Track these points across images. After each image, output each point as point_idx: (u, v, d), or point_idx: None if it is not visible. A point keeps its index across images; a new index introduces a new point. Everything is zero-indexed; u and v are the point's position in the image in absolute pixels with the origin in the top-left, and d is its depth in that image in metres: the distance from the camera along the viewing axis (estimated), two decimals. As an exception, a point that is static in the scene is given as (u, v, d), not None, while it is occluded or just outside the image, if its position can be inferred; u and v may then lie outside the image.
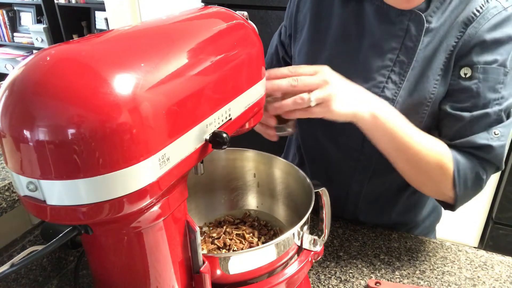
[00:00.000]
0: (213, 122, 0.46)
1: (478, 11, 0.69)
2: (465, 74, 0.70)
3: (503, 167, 0.73)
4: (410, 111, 0.73)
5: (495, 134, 0.69)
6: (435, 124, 0.76)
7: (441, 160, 0.70)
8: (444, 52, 0.71)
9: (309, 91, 0.63)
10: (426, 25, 0.70)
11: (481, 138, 0.69)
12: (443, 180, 0.71)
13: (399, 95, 0.73)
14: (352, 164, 0.83)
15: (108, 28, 2.72)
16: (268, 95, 0.66)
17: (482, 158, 0.71)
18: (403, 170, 0.74)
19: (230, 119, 0.49)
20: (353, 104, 0.65)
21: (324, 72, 0.64)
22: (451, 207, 0.76)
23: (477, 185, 0.72)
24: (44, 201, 0.34)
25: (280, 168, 0.76)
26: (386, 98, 0.73)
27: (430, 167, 0.70)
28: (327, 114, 0.64)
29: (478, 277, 0.75)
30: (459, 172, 0.70)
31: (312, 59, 0.81)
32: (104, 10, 2.54)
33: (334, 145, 0.84)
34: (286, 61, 0.94)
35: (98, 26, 2.99)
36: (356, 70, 0.75)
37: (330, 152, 0.85)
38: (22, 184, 0.35)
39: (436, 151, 0.70)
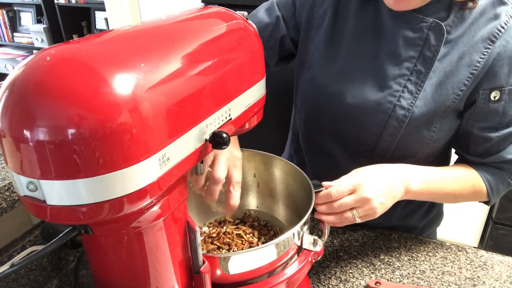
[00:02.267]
0: (213, 122, 0.46)
1: (502, 27, 0.68)
2: (495, 97, 0.71)
3: None
4: (424, 121, 0.73)
5: None
6: (449, 137, 0.78)
7: (475, 188, 0.76)
8: (468, 67, 0.70)
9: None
10: (445, 36, 0.69)
11: (509, 153, 0.75)
12: (478, 198, 0.79)
13: (415, 105, 0.72)
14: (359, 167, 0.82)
15: (108, 28, 2.72)
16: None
17: (509, 170, 0.77)
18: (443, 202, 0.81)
19: (230, 119, 0.49)
20: (391, 201, 0.67)
21: (362, 188, 0.64)
22: (485, 203, 0.82)
23: (508, 188, 0.80)
24: (44, 201, 0.34)
25: (280, 168, 0.76)
26: (402, 107, 0.72)
27: (466, 198, 0.77)
28: (370, 219, 0.67)
29: (478, 277, 0.75)
30: (491, 188, 0.76)
31: (327, 62, 0.79)
32: (104, 10, 2.54)
33: (343, 149, 0.83)
34: (282, 44, 0.86)
35: (98, 26, 2.99)
36: (371, 77, 0.75)
37: (336, 156, 0.84)
38: (22, 184, 0.35)
39: (469, 183, 0.76)
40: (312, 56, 0.81)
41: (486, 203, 0.82)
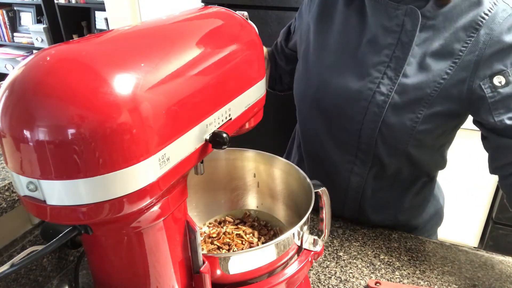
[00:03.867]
0: (213, 122, 0.46)
1: (486, 14, 0.68)
2: (500, 82, 0.69)
3: None
4: (406, 109, 0.73)
5: None
6: (438, 135, 0.77)
7: None
8: (450, 56, 0.70)
9: None
10: (423, 21, 0.70)
11: None
12: None
13: (394, 90, 0.73)
14: (350, 158, 0.84)
15: (108, 28, 2.72)
16: None
17: None
18: None
19: (230, 119, 0.49)
20: None
21: None
22: None
23: None
24: (44, 201, 0.34)
25: (280, 168, 0.76)
26: (381, 93, 0.74)
27: None
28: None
29: (478, 277, 0.75)
30: None
31: (316, 58, 0.83)
32: (104, 10, 2.54)
33: (333, 142, 0.85)
34: (283, 49, 0.98)
35: (98, 26, 2.99)
36: (353, 67, 0.77)
37: (328, 149, 0.86)
38: (22, 184, 0.35)
39: None
40: (304, 54, 0.86)
41: None
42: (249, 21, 0.56)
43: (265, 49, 0.87)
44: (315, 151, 0.91)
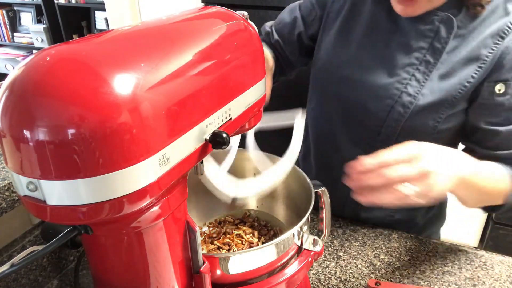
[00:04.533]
0: (213, 122, 0.46)
1: None
2: (499, 90, 0.72)
3: None
4: (430, 110, 0.75)
5: None
6: (454, 132, 0.79)
7: (504, 187, 0.71)
8: (476, 61, 0.72)
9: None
10: (455, 30, 0.72)
11: None
12: (498, 199, 0.74)
13: (421, 93, 0.74)
14: (361, 154, 0.82)
15: (108, 28, 2.72)
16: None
17: None
18: (465, 205, 0.75)
19: (230, 119, 0.49)
20: (447, 186, 0.59)
21: (421, 159, 0.56)
22: (492, 210, 0.78)
23: None
24: (44, 201, 0.34)
25: (280, 168, 0.75)
26: (408, 94, 0.75)
27: (494, 197, 0.73)
28: (423, 202, 0.58)
29: (478, 277, 0.75)
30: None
31: (340, 49, 0.83)
32: (104, 10, 2.54)
33: (348, 135, 0.85)
34: (301, 40, 0.92)
35: (98, 26, 2.99)
36: (381, 64, 0.78)
37: (341, 143, 0.87)
38: (22, 184, 0.35)
39: (501, 182, 0.71)
40: (327, 45, 0.85)
41: (492, 209, 0.77)
42: (249, 21, 0.56)
43: (265, 49, 0.87)
44: (325, 146, 0.92)
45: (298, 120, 0.71)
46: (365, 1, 0.81)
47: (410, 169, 0.55)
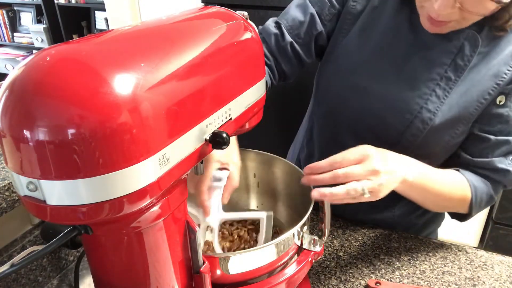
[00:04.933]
0: (213, 122, 0.46)
1: None
2: (500, 101, 0.72)
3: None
4: (447, 126, 0.74)
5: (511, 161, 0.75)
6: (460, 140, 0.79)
7: (463, 194, 0.75)
8: (494, 77, 0.71)
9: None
10: (479, 48, 0.70)
11: (501, 163, 0.74)
12: (461, 206, 0.77)
13: (440, 110, 0.73)
14: None
15: (108, 28, 2.72)
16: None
17: (496, 181, 0.76)
18: (427, 207, 0.80)
19: (230, 119, 0.49)
20: (395, 184, 0.65)
21: (370, 159, 0.62)
22: (461, 218, 0.81)
23: (489, 204, 0.79)
24: (44, 201, 0.34)
25: (280, 168, 0.76)
26: (428, 110, 0.73)
27: (452, 203, 0.77)
28: (373, 199, 0.62)
29: (478, 277, 0.75)
30: (476, 197, 0.75)
31: (357, 55, 0.79)
32: (104, 10, 2.54)
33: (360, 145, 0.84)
34: (317, 41, 0.84)
35: (98, 26, 2.99)
36: (401, 76, 0.75)
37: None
38: (22, 184, 0.35)
39: (459, 187, 0.75)
40: (343, 48, 0.81)
41: (462, 218, 0.81)
42: (249, 21, 0.56)
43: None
44: (332, 152, 0.87)
45: (263, 222, 0.72)
46: (387, 6, 0.77)
47: (359, 168, 0.60)
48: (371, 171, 0.60)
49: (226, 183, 0.67)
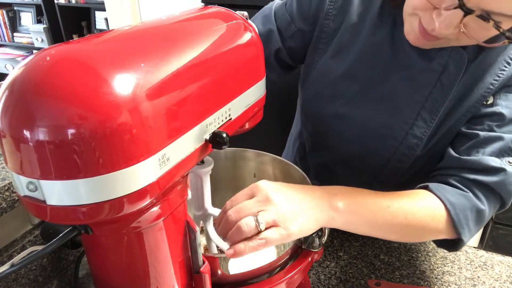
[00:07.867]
0: (213, 122, 0.46)
1: None
2: (487, 101, 0.67)
3: (509, 203, 0.65)
4: (437, 146, 0.70)
5: (509, 163, 0.63)
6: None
7: (431, 212, 0.61)
8: (481, 89, 0.66)
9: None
10: (466, 64, 0.65)
11: (494, 161, 0.63)
12: (442, 228, 0.62)
13: (428, 135, 0.68)
14: (365, 181, 0.79)
15: (108, 28, 2.73)
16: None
17: (489, 188, 0.63)
18: (397, 240, 0.73)
19: (230, 119, 0.49)
20: (308, 212, 0.53)
21: (261, 190, 0.53)
22: (455, 247, 0.66)
23: (481, 221, 0.64)
24: (44, 201, 0.34)
25: (280, 168, 0.76)
26: (414, 136, 0.69)
27: (421, 225, 0.60)
28: (286, 238, 0.51)
29: (478, 277, 0.75)
30: (457, 214, 0.61)
31: (334, 80, 0.74)
32: (104, 10, 2.54)
33: (348, 168, 0.80)
34: (278, 57, 0.80)
35: (98, 26, 3.00)
36: (382, 100, 0.70)
37: (339, 174, 0.82)
38: (22, 184, 0.35)
39: (421, 207, 0.61)
40: (319, 72, 0.76)
41: (452, 246, 0.66)
42: (249, 21, 0.56)
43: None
44: (324, 175, 0.85)
45: None
46: (366, 22, 0.70)
47: (253, 201, 0.52)
48: (262, 201, 0.51)
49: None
